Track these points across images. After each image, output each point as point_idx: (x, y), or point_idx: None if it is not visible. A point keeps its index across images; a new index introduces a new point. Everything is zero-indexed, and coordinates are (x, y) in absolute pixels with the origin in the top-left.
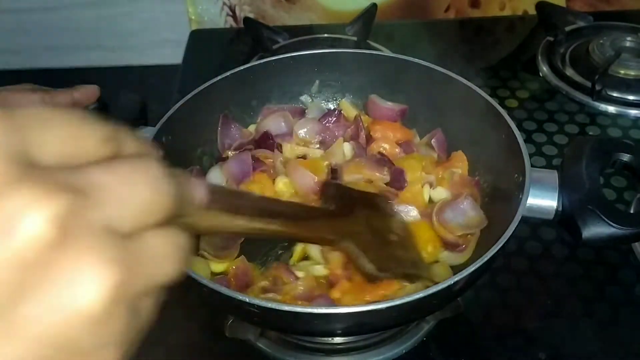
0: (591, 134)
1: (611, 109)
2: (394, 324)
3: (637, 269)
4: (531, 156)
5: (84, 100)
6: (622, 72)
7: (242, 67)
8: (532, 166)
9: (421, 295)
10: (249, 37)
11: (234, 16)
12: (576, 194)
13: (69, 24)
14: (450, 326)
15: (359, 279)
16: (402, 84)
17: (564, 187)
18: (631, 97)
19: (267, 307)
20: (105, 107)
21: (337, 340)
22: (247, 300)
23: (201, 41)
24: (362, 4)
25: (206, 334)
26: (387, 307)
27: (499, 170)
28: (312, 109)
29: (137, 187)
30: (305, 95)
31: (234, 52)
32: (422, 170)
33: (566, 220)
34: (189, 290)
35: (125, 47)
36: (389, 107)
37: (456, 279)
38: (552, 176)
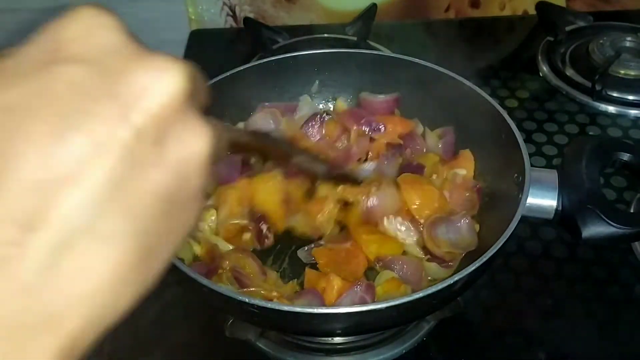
0: (591, 133)
1: (611, 109)
2: (394, 324)
3: (637, 269)
4: (531, 156)
5: None
6: (622, 72)
7: (242, 67)
8: (532, 166)
9: (421, 295)
10: (249, 37)
11: (234, 16)
12: (576, 194)
13: None
14: (450, 326)
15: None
16: (401, 84)
17: (564, 187)
18: (631, 97)
19: (267, 307)
20: None
21: (337, 340)
22: (247, 300)
23: (201, 41)
24: (362, 4)
25: (206, 334)
26: (387, 307)
27: (499, 169)
28: (303, 107)
29: (202, 76)
30: (305, 95)
31: (234, 52)
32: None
33: (566, 219)
34: (189, 290)
35: None
36: (382, 100)
37: (456, 279)
38: (552, 176)
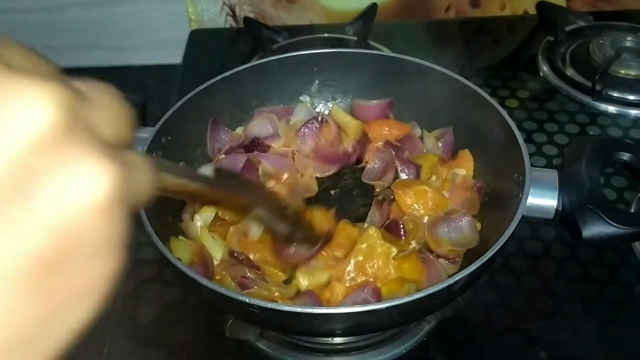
0: (591, 133)
1: (611, 109)
2: (395, 324)
3: (637, 269)
4: (531, 156)
5: None
6: (623, 72)
7: (242, 67)
8: (532, 166)
9: (421, 295)
10: (249, 37)
11: (234, 16)
12: (576, 194)
13: (69, 24)
14: (450, 326)
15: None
16: (401, 84)
17: (564, 187)
18: (631, 97)
19: (267, 307)
20: None
21: (337, 340)
22: (247, 300)
23: (201, 41)
24: (362, 4)
25: (206, 334)
26: (388, 307)
27: (499, 169)
28: (300, 112)
29: (115, 101)
30: (305, 95)
31: (234, 52)
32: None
33: (566, 219)
34: (189, 290)
35: (125, 47)
36: (375, 105)
37: (456, 279)
38: (553, 176)
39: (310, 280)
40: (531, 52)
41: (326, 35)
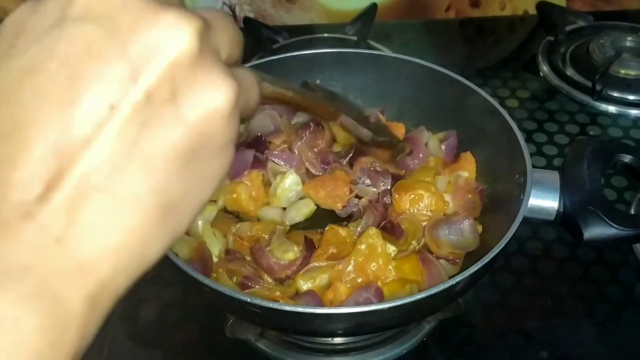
0: (592, 133)
1: (612, 109)
2: (395, 324)
3: (637, 269)
4: (531, 156)
5: None
6: (623, 71)
7: None
8: (533, 166)
9: (422, 295)
10: (249, 37)
11: (234, 16)
12: (577, 195)
13: None
14: (450, 326)
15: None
16: (401, 83)
17: (565, 188)
18: (631, 97)
19: (268, 307)
20: None
21: (338, 340)
22: (248, 300)
23: None
24: (362, 4)
25: (206, 334)
26: (389, 308)
27: (500, 170)
28: (301, 113)
29: (232, 27)
30: None
31: None
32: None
33: (567, 221)
34: (189, 290)
35: None
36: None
37: (457, 280)
38: (554, 177)
39: (310, 284)
40: (531, 52)
41: (326, 35)
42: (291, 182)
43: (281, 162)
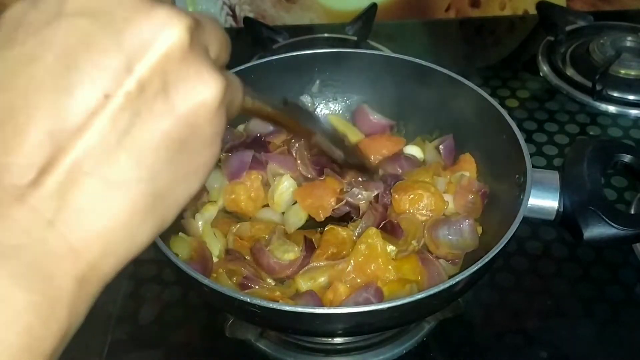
0: (592, 133)
1: (612, 109)
2: (395, 325)
3: (637, 269)
4: (531, 156)
5: None
6: (623, 71)
7: (242, 67)
8: (533, 166)
9: (422, 295)
10: (249, 37)
11: (234, 16)
12: (577, 195)
13: None
14: (450, 326)
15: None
16: (401, 83)
17: (565, 188)
18: (631, 97)
19: (268, 307)
20: None
21: (338, 340)
22: (248, 300)
23: None
24: (362, 4)
25: (206, 334)
26: (389, 308)
27: (500, 170)
28: None
29: (220, 30)
30: (305, 94)
31: (234, 52)
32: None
33: (567, 221)
34: (189, 290)
35: None
36: (376, 121)
37: (457, 280)
38: (554, 177)
39: (310, 284)
40: (531, 52)
41: (326, 35)
42: (286, 186)
43: (279, 165)
